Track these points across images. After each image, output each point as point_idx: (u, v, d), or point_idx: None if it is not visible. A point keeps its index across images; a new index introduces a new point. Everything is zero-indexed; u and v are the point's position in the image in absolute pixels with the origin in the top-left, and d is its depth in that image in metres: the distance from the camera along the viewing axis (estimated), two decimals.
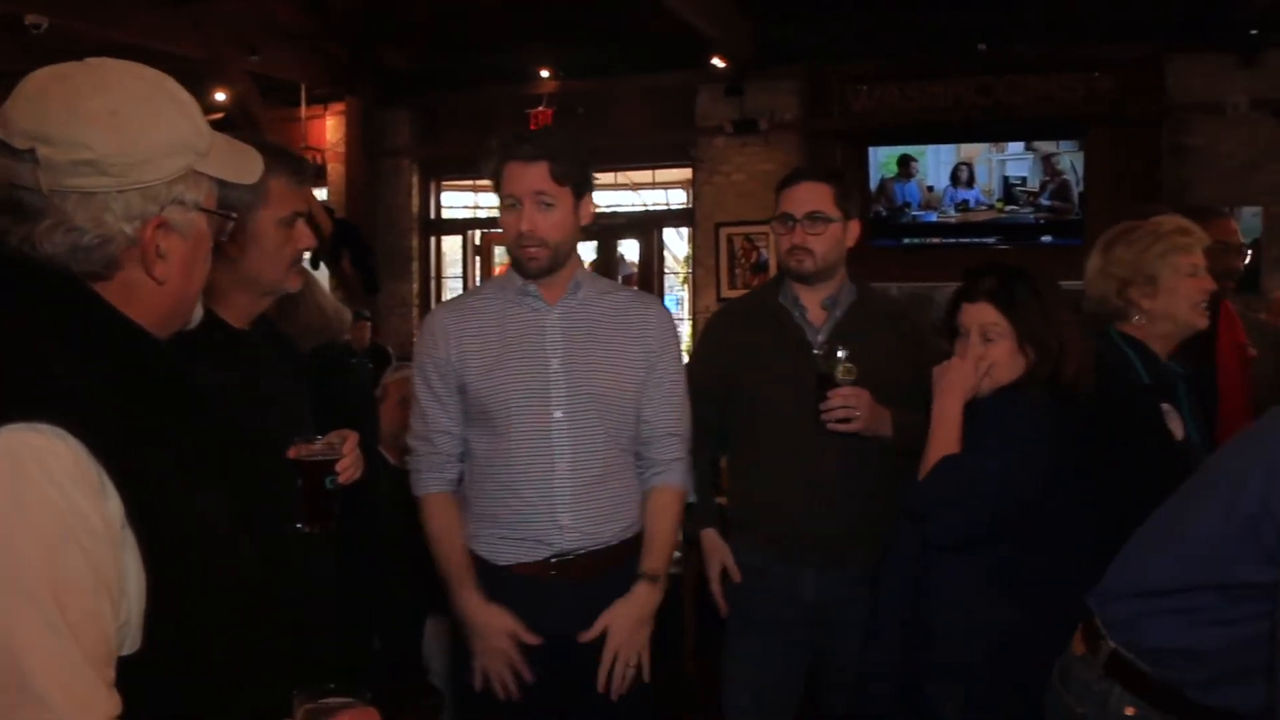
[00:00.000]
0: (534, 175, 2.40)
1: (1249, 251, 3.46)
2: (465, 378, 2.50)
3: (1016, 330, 2.34)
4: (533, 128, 9.12)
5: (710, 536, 3.02)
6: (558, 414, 2.47)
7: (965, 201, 8.51)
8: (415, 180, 10.34)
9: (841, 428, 2.71)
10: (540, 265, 2.47)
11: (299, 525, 2.05)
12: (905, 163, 8.57)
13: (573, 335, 2.50)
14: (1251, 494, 1.49)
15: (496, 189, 2.47)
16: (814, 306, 2.92)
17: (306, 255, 2.29)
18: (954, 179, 8.52)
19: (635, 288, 2.74)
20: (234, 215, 1.40)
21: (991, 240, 8.43)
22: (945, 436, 2.32)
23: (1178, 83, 8.27)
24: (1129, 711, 1.73)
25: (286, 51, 9.06)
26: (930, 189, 8.57)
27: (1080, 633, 1.85)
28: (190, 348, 1.43)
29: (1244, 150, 8.16)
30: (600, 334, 2.53)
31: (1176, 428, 2.59)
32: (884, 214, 8.62)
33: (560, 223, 2.44)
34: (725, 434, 3.04)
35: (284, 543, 2.01)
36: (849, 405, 2.69)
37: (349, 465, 2.10)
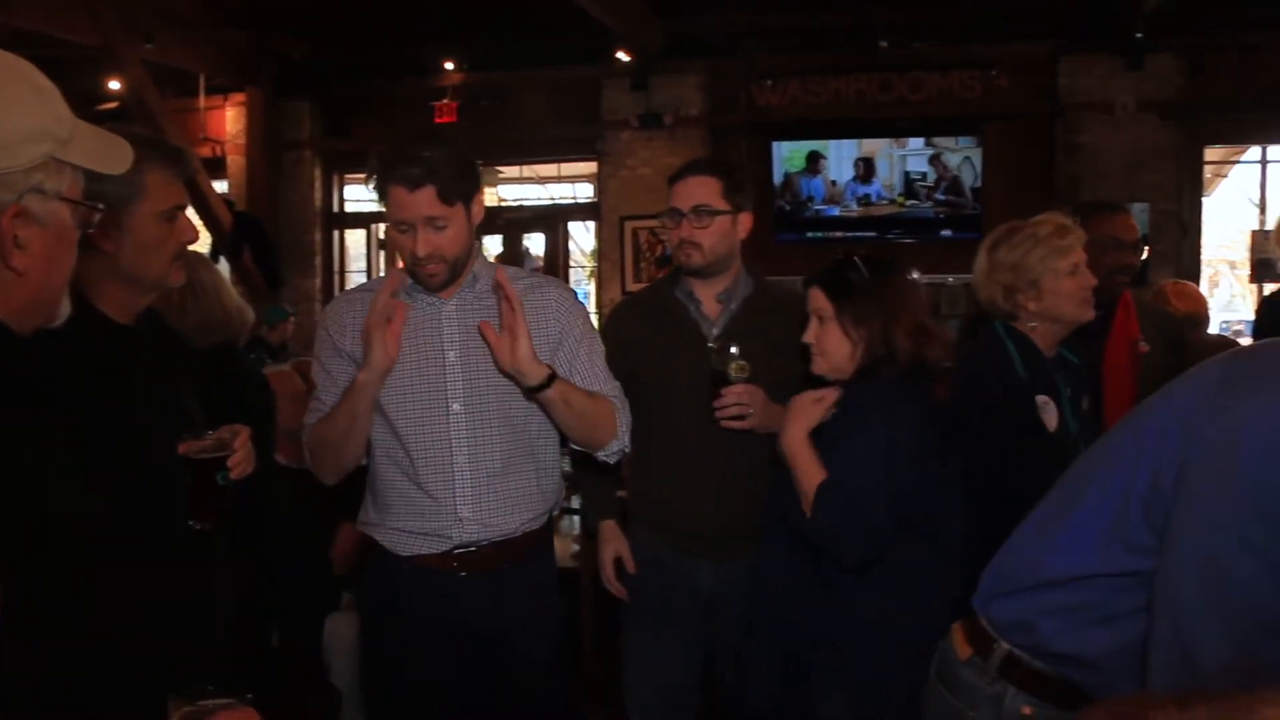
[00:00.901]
0: (423, 201, 2.32)
1: (1145, 247, 3.52)
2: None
3: (839, 313, 2.39)
4: (437, 121, 9.08)
5: (608, 527, 3.02)
6: (455, 407, 2.46)
7: (867, 196, 8.65)
8: (318, 173, 10.16)
9: (735, 425, 2.73)
10: (441, 280, 2.44)
11: (190, 522, 2.02)
12: (814, 159, 8.68)
13: (470, 327, 2.48)
14: (1140, 476, 1.51)
15: (382, 200, 2.40)
16: (709, 300, 2.92)
17: (206, 249, 2.24)
18: (856, 174, 8.65)
19: (530, 272, 2.71)
20: (100, 206, 1.37)
21: (893, 234, 8.59)
22: (806, 466, 2.33)
23: (1070, 83, 8.50)
24: (1026, 711, 1.72)
25: (183, 40, 8.82)
26: (834, 184, 8.69)
27: (963, 635, 1.83)
28: (61, 341, 1.40)
29: (1131, 149, 8.43)
30: (499, 323, 2.52)
31: (1051, 420, 2.65)
32: (787, 208, 8.72)
33: (456, 237, 2.40)
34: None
35: (172, 539, 1.98)
36: (742, 403, 2.71)
37: (241, 461, 2.07)
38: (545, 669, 2.57)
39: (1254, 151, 9.27)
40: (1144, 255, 3.54)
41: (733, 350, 2.71)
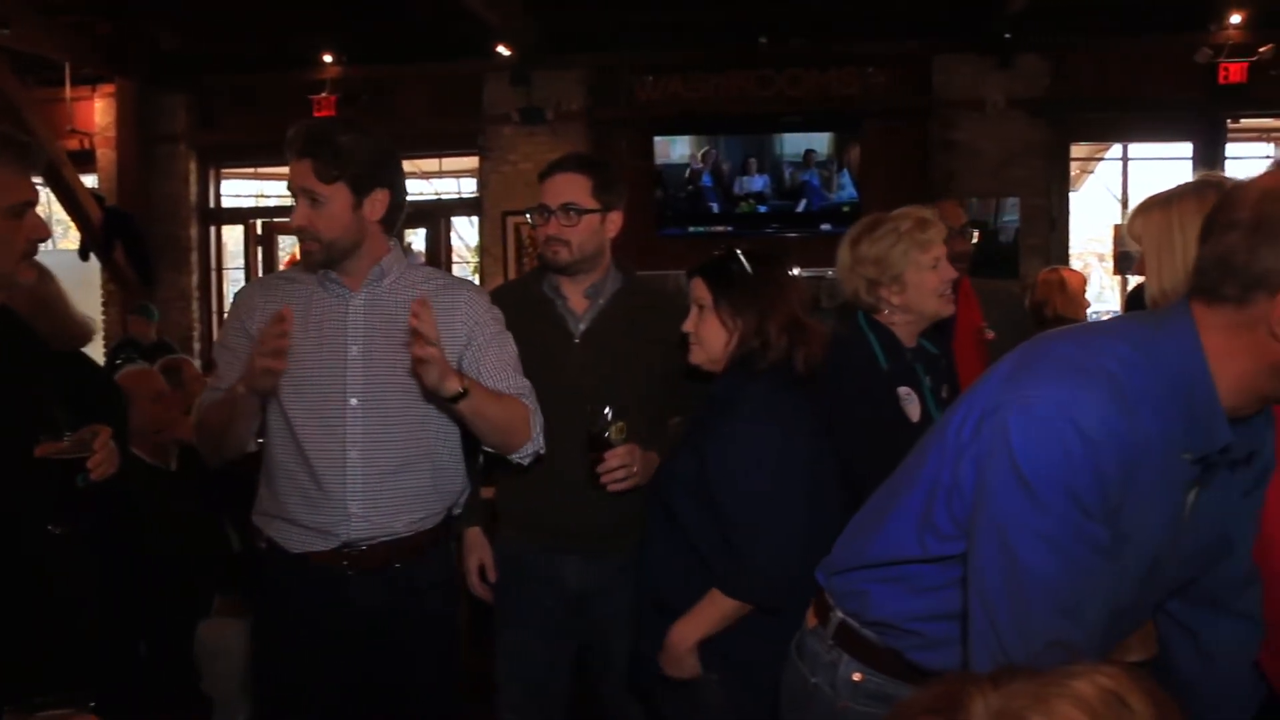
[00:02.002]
0: (302, 171, 2.37)
1: (975, 233, 3.61)
2: None
3: (717, 303, 2.42)
4: (316, 115, 8.91)
5: (472, 535, 3.00)
6: (353, 401, 2.43)
7: (749, 191, 8.75)
8: (193, 167, 9.92)
9: (620, 487, 2.70)
10: (316, 259, 2.43)
11: (48, 526, 1.96)
12: (706, 155, 8.76)
13: (375, 323, 2.46)
14: (945, 469, 1.57)
15: None
16: (575, 295, 2.89)
17: (74, 246, 2.18)
18: (737, 169, 8.74)
19: (445, 273, 2.68)
20: None
21: (774, 228, 8.71)
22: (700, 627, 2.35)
23: (943, 80, 8.74)
24: (856, 678, 1.80)
25: (45, 26, 8.48)
26: (716, 179, 8.77)
27: (813, 607, 1.91)
28: None
29: (1002, 145, 8.70)
30: (405, 322, 2.45)
31: (913, 411, 2.71)
32: (669, 203, 8.78)
33: (333, 219, 2.38)
34: None
35: (26, 543, 1.92)
36: (626, 464, 2.69)
37: (102, 462, 2.02)
38: (435, 670, 2.55)
39: (1116, 149, 9.65)
40: (974, 241, 3.62)
41: (607, 413, 2.67)
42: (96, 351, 9.38)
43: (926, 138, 8.77)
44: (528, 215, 3.00)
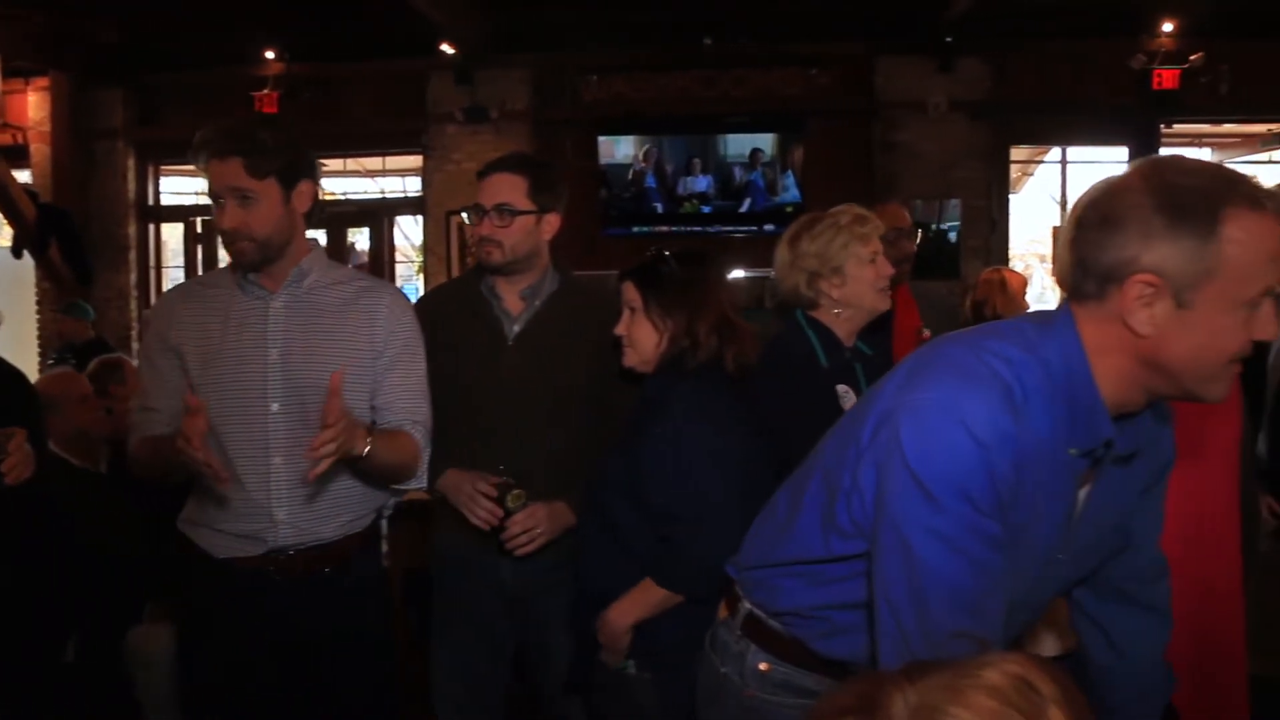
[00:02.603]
0: (230, 171, 2.35)
1: (919, 233, 3.65)
2: (186, 363, 2.43)
3: (647, 305, 2.45)
4: (257, 110, 8.81)
5: (450, 474, 2.88)
6: (274, 406, 2.41)
7: (693, 191, 8.77)
8: (131, 164, 9.74)
9: (529, 549, 2.72)
10: (250, 259, 2.41)
11: None
12: (649, 154, 8.77)
13: (294, 325, 2.44)
14: (845, 470, 1.59)
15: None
16: (511, 296, 2.88)
17: (7, 244, 2.14)
18: (682, 169, 8.77)
19: (366, 274, 2.64)
20: None
21: (718, 229, 8.74)
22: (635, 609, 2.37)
23: (886, 82, 8.81)
24: (763, 667, 1.83)
25: None
26: (661, 179, 8.79)
27: (724, 599, 1.95)
28: None
29: (944, 147, 8.80)
30: (325, 324, 2.46)
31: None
32: (613, 203, 8.78)
33: (267, 216, 2.38)
34: None
35: None
36: (528, 529, 2.70)
37: (16, 465, 1.98)
38: (367, 676, 2.53)
39: (1055, 152, 9.80)
40: (918, 241, 3.66)
41: (507, 481, 2.70)
42: (31, 351, 9.22)
43: (869, 139, 8.84)
44: (464, 215, 2.99)
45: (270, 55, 9.07)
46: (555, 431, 2.81)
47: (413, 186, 10.35)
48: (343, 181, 10.98)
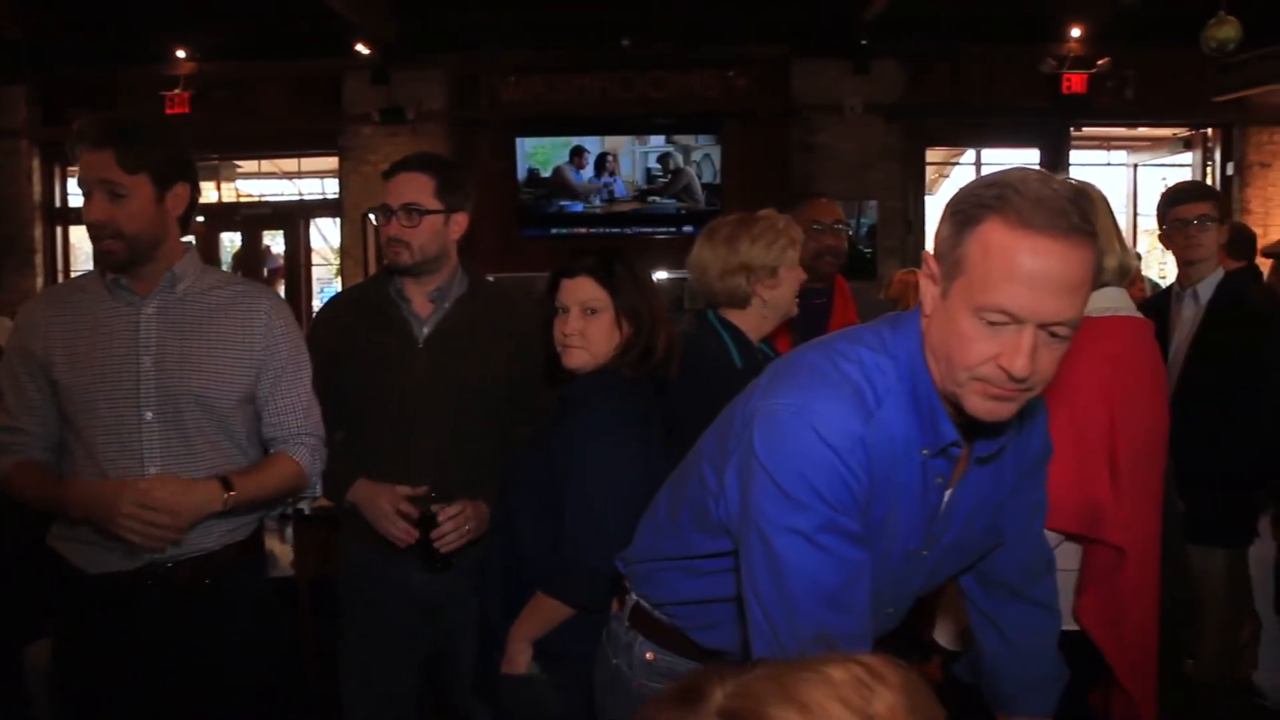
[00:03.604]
0: (100, 162, 2.27)
1: (846, 229, 3.65)
2: (53, 373, 2.33)
3: (615, 303, 2.37)
4: (168, 111, 8.64)
5: (361, 485, 2.84)
6: (148, 415, 2.32)
7: (611, 192, 8.78)
8: (37, 164, 9.49)
9: (458, 545, 2.70)
10: (117, 258, 2.32)
11: None
12: (578, 153, 8.75)
13: (168, 332, 2.36)
14: (711, 470, 1.64)
15: None
16: (420, 298, 2.84)
17: None
18: (600, 170, 8.77)
19: (243, 278, 2.54)
20: None
21: (635, 230, 8.76)
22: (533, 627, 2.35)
23: (803, 85, 8.90)
24: (649, 657, 1.87)
25: None
26: (578, 180, 8.78)
27: (616, 594, 1.98)
28: None
29: (860, 149, 8.91)
30: (201, 331, 2.38)
31: None
32: (531, 205, 8.75)
33: (137, 213, 2.29)
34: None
35: None
36: (458, 530, 2.69)
37: None
38: (256, 689, 2.46)
39: (970, 154, 9.97)
40: (849, 235, 3.66)
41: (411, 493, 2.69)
42: None
43: (787, 140, 8.92)
44: (371, 216, 2.95)
45: (181, 54, 8.88)
46: (468, 434, 2.78)
47: (332, 188, 10.22)
48: (260, 183, 10.79)
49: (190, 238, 2.59)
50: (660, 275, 8.06)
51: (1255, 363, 3.31)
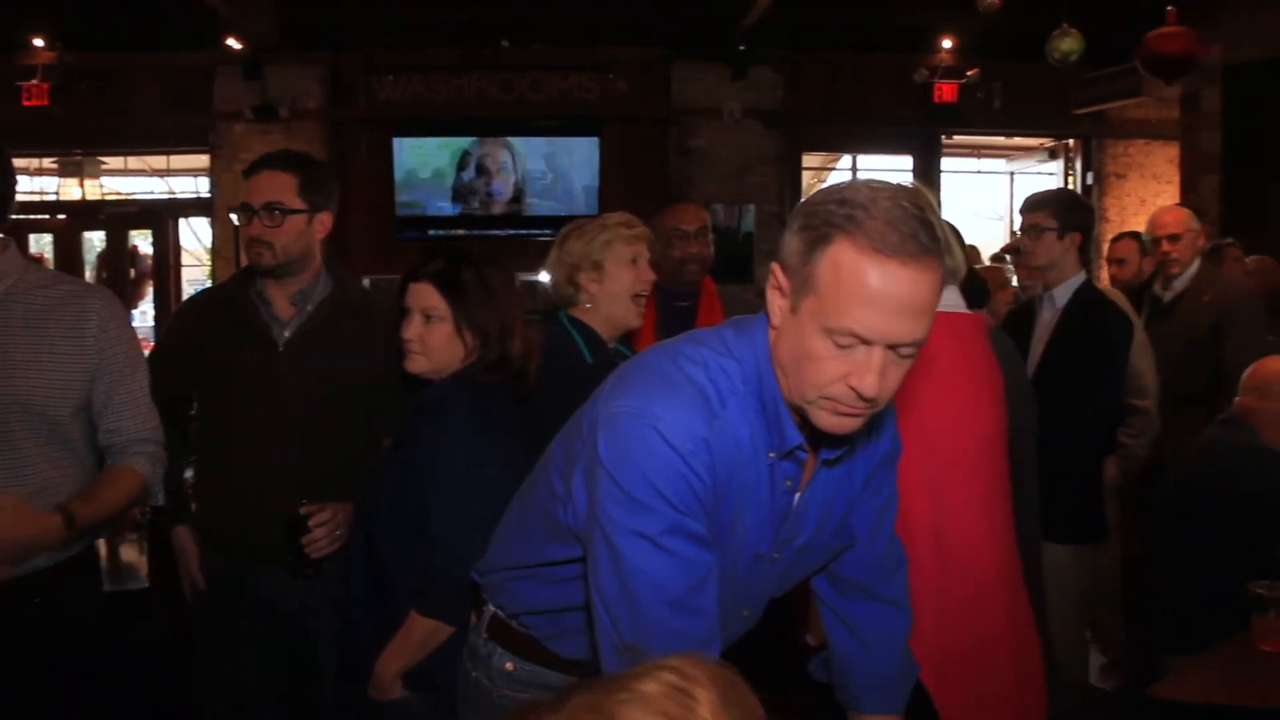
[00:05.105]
0: None
1: (710, 234, 3.65)
2: None
3: (455, 313, 2.32)
4: (25, 104, 8.29)
5: (181, 536, 2.86)
6: None
7: (489, 194, 8.72)
8: None
9: (334, 548, 2.65)
10: None
11: None
12: (457, 155, 8.67)
13: None
14: (558, 479, 1.64)
15: None
16: (281, 301, 2.77)
17: None
18: (478, 173, 8.70)
19: (72, 278, 2.42)
20: None
21: (512, 232, 8.72)
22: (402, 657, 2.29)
23: (682, 89, 8.97)
24: (509, 667, 1.85)
25: None
26: (456, 182, 8.71)
27: (473, 606, 1.96)
28: None
29: (738, 153, 9.02)
30: (27, 333, 2.24)
31: None
32: (407, 207, 8.65)
33: None
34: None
35: None
36: (330, 535, 2.64)
37: None
38: (89, 709, 2.36)
39: (846, 160, 10.18)
40: (711, 243, 3.65)
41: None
42: None
43: (665, 144, 8.97)
44: (232, 215, 2.86)
45: (39, 43, 8.50)
46: (332, 438, 2.72)
47: (206, 186, 9.92)
48: (131, 180, 10.42)
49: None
50: (545, 278, 8.00)
51: (1102, 363, 3.44)
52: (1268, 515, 2.79)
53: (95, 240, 9.31)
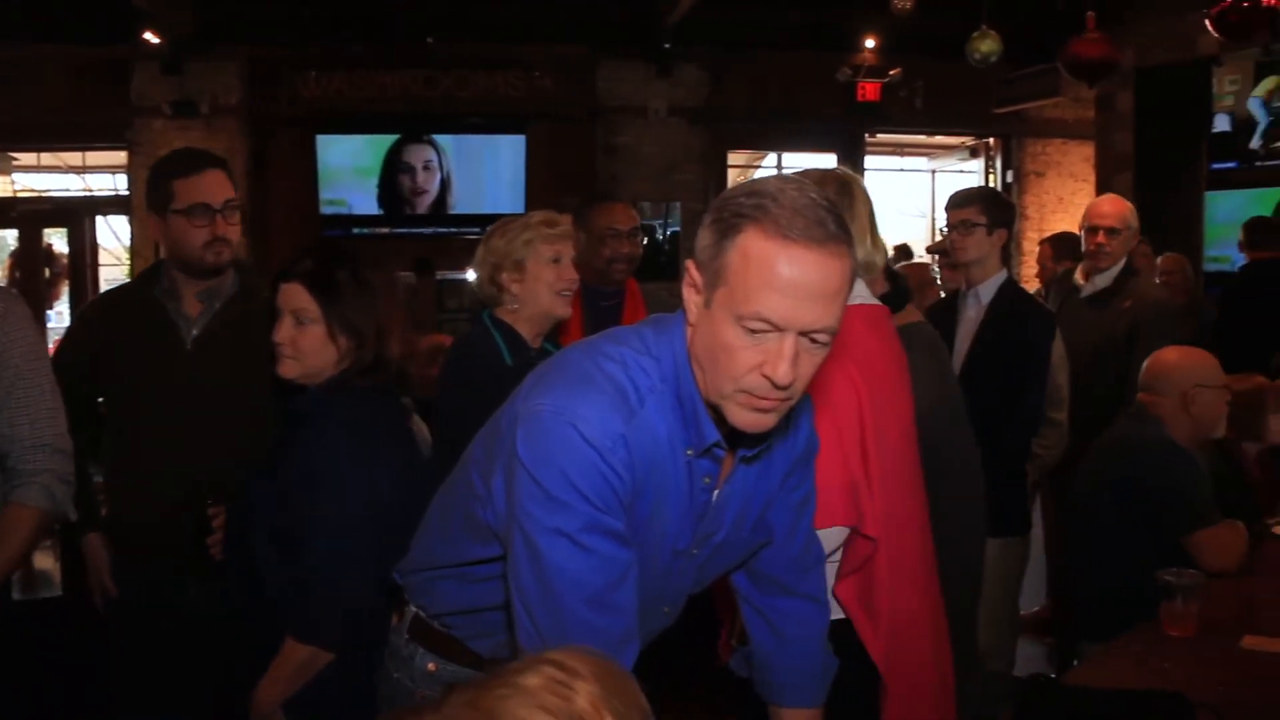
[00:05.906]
0: None
1: (640, 234, 3.64)
2: None
3: (327, 315, 2.20)
4: None
5: (92, 543, 2.79)
6: None
7: (413, 191, 8.66)
8: None
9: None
10: None
11: None
12: (389, 153, 8.62)
13: None
14: (478, 478, 1.63)
15: None
16: (189, 298, 2.72)
17: None
18: (403, 170, 8.64)
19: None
20: None
21: (436, 230, 8.69)
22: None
23: (607, 87, 9.00)
24: (431, 668, 1.83)
25: None
26: (380, 179, 8.64)
27: (395, 607, 1.93)
28: None
29: (664, 151, 9.07)
30: None
31: None
32: (331, 205, 8.57)
33: None
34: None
35: None
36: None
37: None
38: None
39: (771, 158, 10.27)
40: (643, 243, 3.66)
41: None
42: None
43: (592, 141, 8.99)
44: (184, 217, 2.77)
45: None
46: (240, 436, 2.68)
47: (124, 184, 9.70)
48: (44, 177, 10.16)
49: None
50: (471, 276, 7.96)
51: (1026, 359, 3.51)
52: (1174, 507, 2.88)
53: (9, 239, 9.07)
